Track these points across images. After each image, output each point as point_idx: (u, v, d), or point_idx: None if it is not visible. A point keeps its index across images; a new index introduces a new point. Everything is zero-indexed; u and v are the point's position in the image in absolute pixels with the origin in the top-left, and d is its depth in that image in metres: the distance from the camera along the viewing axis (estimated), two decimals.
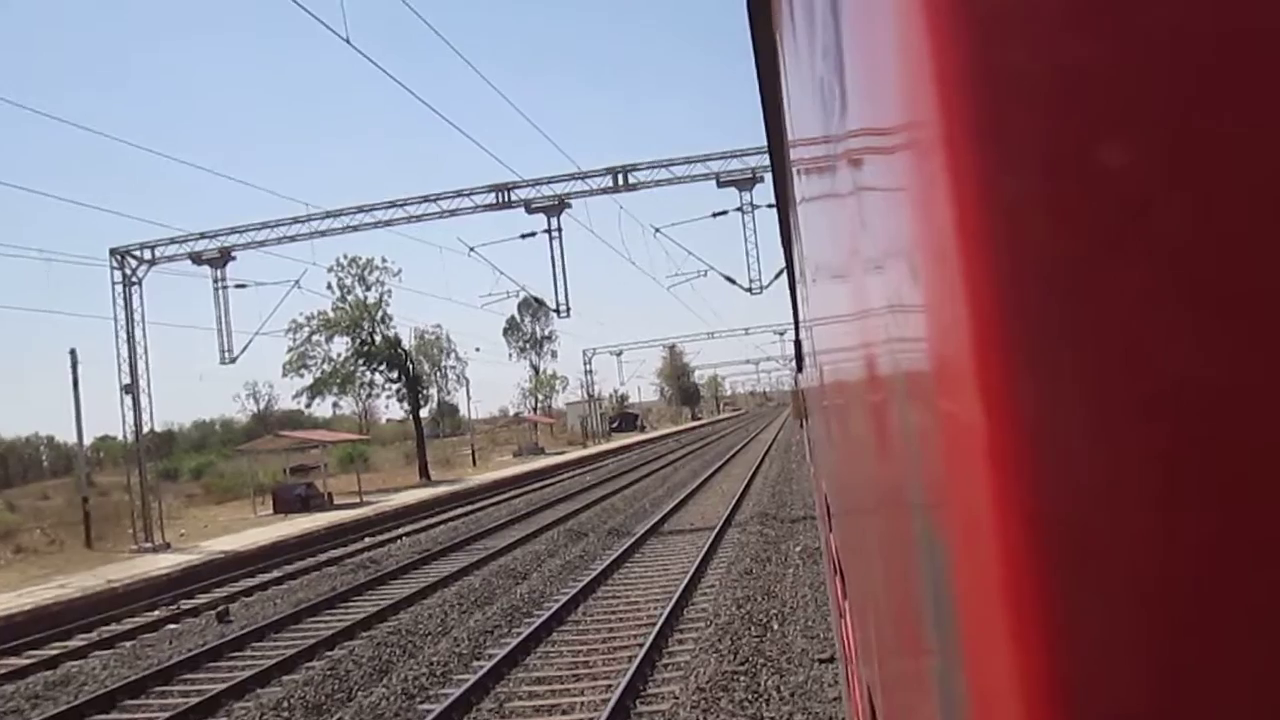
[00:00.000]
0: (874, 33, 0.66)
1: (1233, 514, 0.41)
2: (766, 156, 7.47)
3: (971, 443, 0.46)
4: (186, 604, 18.34)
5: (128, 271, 30.50)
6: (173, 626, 16.43)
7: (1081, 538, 0.43)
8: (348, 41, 19.57)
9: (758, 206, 29.40)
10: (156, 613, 17.71)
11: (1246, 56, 0.42)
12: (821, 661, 10.45)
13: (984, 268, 0.45)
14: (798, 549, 17.52)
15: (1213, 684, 0.42)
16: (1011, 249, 0.45)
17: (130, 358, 30.17)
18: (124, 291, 30.37)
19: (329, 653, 13.24)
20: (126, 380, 30.08)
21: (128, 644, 15.24)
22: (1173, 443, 0.42)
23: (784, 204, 6.68)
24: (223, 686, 11.64)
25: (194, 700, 11.21)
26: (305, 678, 11.85)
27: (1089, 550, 0.43)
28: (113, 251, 30.49)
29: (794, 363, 16.54)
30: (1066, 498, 0.44)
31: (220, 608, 16.91)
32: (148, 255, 31.06)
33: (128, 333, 30.17)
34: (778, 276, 28.72)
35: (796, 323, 10.20)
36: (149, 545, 27.41)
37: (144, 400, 30.32)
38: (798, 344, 11.59)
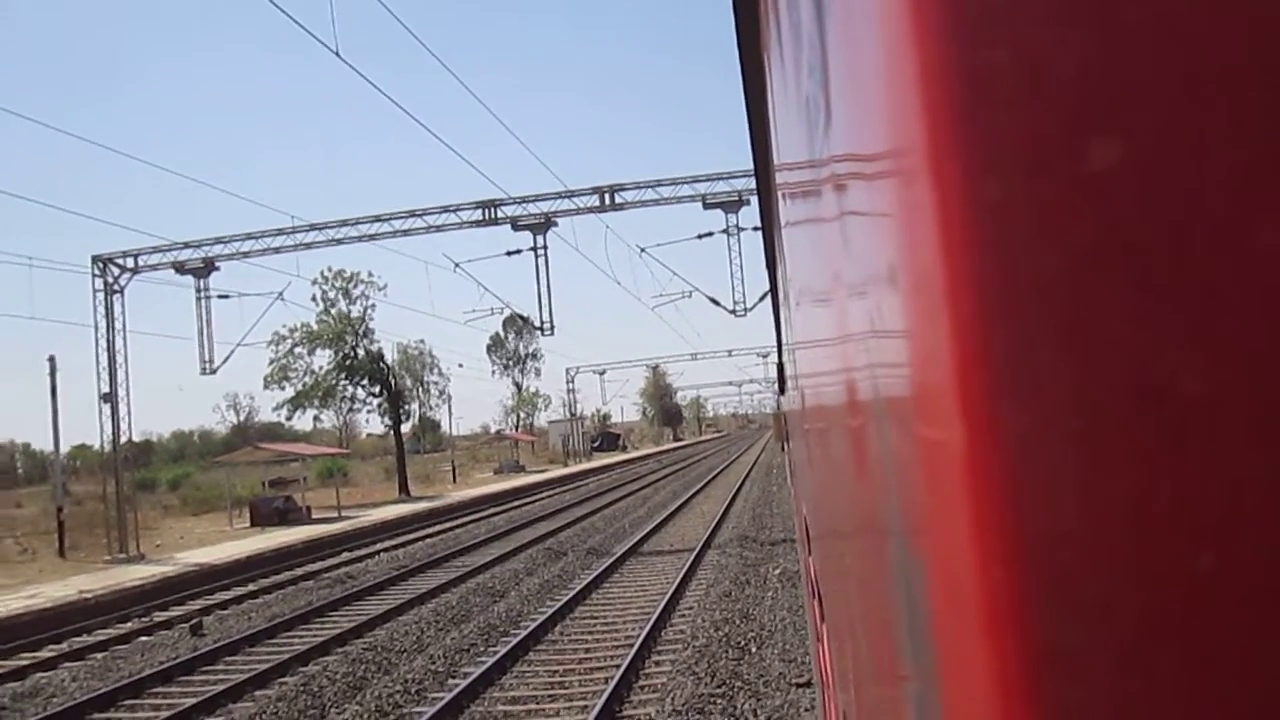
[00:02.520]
0: (858, 48, 0.65)
1: (1221, 546, 0.41)
2: (753, 179, 7.51)
3: (952, 468, 0.46)
4: (159, 616, 18.14)
5: (110, 279, 30.33)
6: (145, 639, 16.25)
7: (1062, 566, 0.43)
8: (338, 55, 19.60)
9: (743, 229, 29.54)
10: (129, 624, 17.52)
11: (1235, 54, 0.41)
12: (799, 686, 10.42)
13: (967, 290, 0.45)
14: (777, 572, 17.50)
15: (1191, 702, 0.41)
16: (997, 265, 0.44)
17: (110, 366, 29.97)
18: (105, 299, 30.19)
19: (303, 668, 13.11)
20: (105, 389, 29.88)
21: (98, 656, 15.06)
22: (1162, 460, 0.42)
23: (769, 226, 6.70)
24: (194, 701, 11.50)
25: (164, 714, 11.09)
26: (278, 693, 11.72)
27: (1069, 580, 0.42)
28: (95, 259, 30.33)
29: (776, 385, 16.57)
30: (1048, 526, 0.43)
31: (194, 620, 16.75)
32: (130, 263, 30.91)
33: (108, 341, 29.98)
34: (762, 299, 28.84)
35: (780, 346, 10.23)
36: (123, 556, 27.15)
37: (123, 409, 30.11)
38: (780, 367, 11.61)
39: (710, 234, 30.58)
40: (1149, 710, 0.42)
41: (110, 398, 29.83)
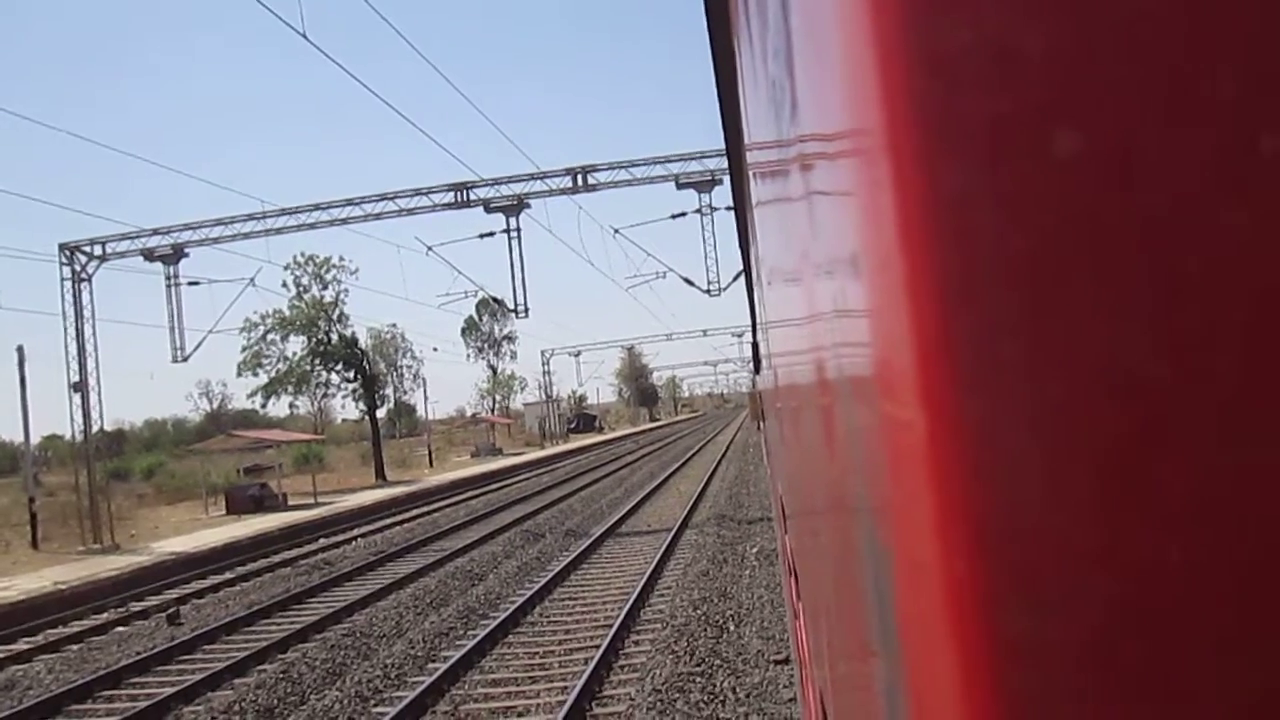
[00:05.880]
0: (820, 28, 0.65)
1: (1188, 538, 0.41)
2: (725, 159, 7.51)
3: (914, 456, 0.45)
4: (136, 606, 18.02)
5: (77, 267, 29.98)
6: (121, 629, 16.16)
7: (1026, 558, 0.42)
8: (304, 37, 19.39)
9: (716, 209, 29.57)
10: (105, 615, 17.40)
11: (1204, 39, 0.41)
12: (777, 663, 10.50)
13: (928, 274, 0.44)
14: (754, 550, 17.58)
15: (1155, 692, 0.41)
16: (957, 248, 0.43)
17: (79, 355, 29.67)
18: (73, 287, 29.85)
19: (282, 655, 13.09)
20: (75, 378, 29.57)
21: (74, 647, 14.96)
22: (1125, 448, 0.41)
23: (741, 207, 6.70)
24: (172, 690, 11.46)
25: (142, 704, 11.03)
26: (257, 680, 11.70)
27: (1034, 571, 0.42)
28: (62, 247, 29.96)
29: (751, 365, 16.61)
30: (1011, 517, 0.42)
31: (171, 610, 16.67)
32: (98, 251, 30.55)
33: (77, 329, 29.67)
34: (736, 279, 28.85)
35: (754, 325, 10.24)
36: (98, 546, 26.95)
37: (93, 399, 29.84)
38: (755, 346, 11.64)
39: (683, 214, 30.61)
40: (1114, 702, 0.41)
41: (81, 387, 29.53)
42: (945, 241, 0.44)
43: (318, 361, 50.34)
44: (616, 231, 33.16)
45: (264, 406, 53.59)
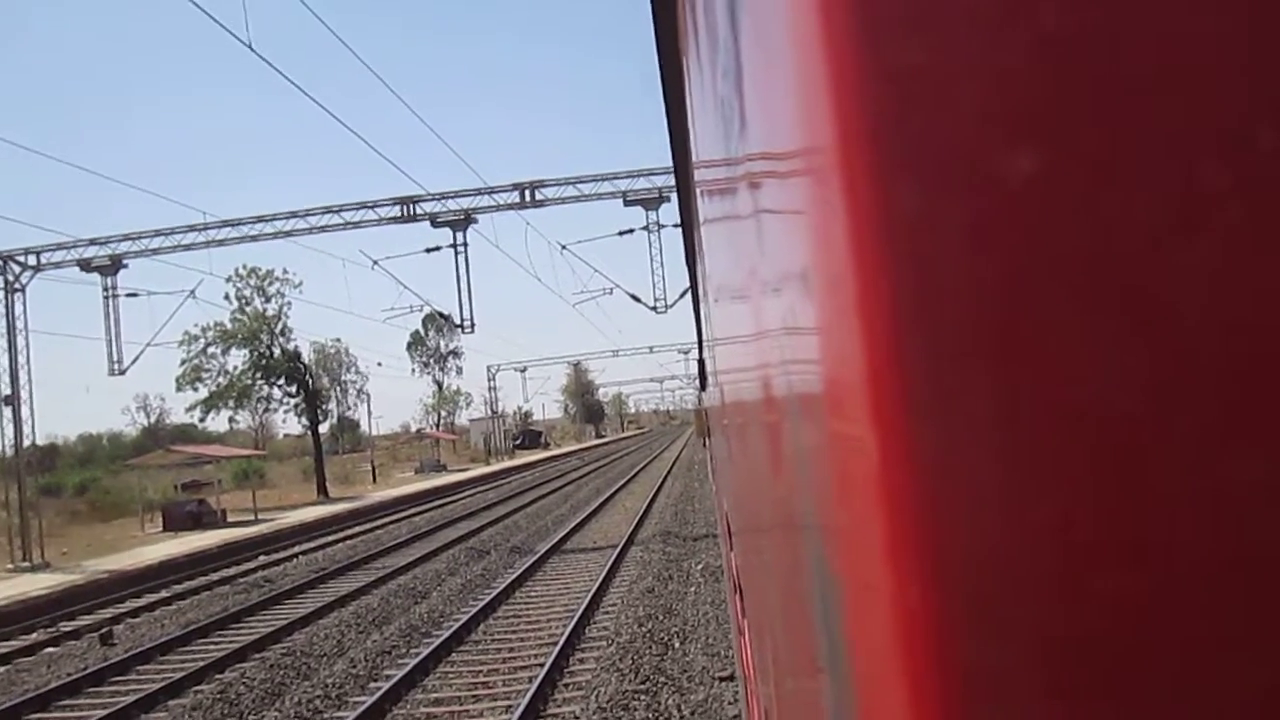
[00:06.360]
0: (770, 43, 0.65)
1: (1150, 567, 0.40)
2: (673, 176, 7.53)
3: (866, 482, 0.45)
4: (67, 626, 17.54)
5: (10, 277, 29.24)
6: (51, 650, 15.72)
7: (983, 587, 0.41)
8: (250, 47, 19.14)
9: (664, 226, 29.60)
10: (34, 635, 16.92)
11: (1169, 57, 0.40)
12: (721, 680, 10.49)
13: (879, 295, 0.43)
14: (699, 567, 17.59)
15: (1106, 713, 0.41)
16: (911, 268, 0.43)
17: (11, 367, 28.91)
18: (5, 298, 29.10)
19: (219, 675, 12.80)
20: (7, 391, 28.82)
21: (1, 669, 14.53)
22: (1084, 475, 0.40)
23: (689, 223, 6.73)
24: (104, 713, 11.16)
25: None
26: (194, 702, 11.44)
27: (991, 601, 0.41)
28: None
29: (698, 381, 16.66)
30: (968, 545, 0.41)
31: (103, 630, 16.25)
32: (33, 261, 29.81)
33: (9, 341, 28.91)
34: (682, 296, 28.93)
35: (700, 342, 10.28)
36: (27, 564, 26.23)
37: (25, 412, 29.07)
38: (701, 363, 11.68)
39: (631, 231, 30.63)
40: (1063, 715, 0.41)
41: (12, 400, 28.78)
42: (899, 261, 0.43)
43: (259, 375, 49.61)
44: (564, 248, 33.10)
45: (203, 421, 52.69)
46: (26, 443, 29.42)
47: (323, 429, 56.08)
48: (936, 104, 0.42)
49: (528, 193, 29.27)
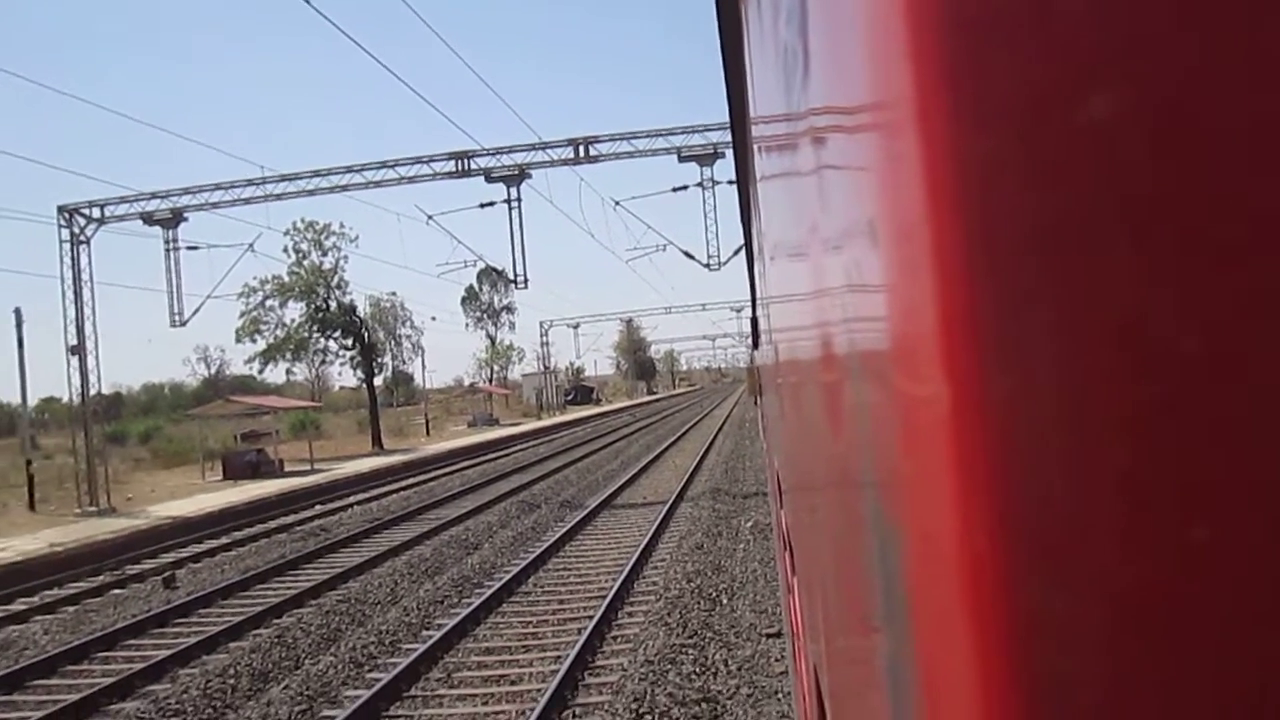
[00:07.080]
0: None
1: (1216, 517, 0.39)
2: (728, 132, 7.46)
3: (934, 431, 0.44)
4: (132, 569, 18.11)
5: (76, 230, 29.86)
6: (117, 591, 16.24)
7: (1050, 535, 0.41)
8: (308, 2, 19.19)
9: (718, 182, 29.47)
10: (101, 578, 17.48)
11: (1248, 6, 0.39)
12: (769, 636, 10.56)
13: (953, 245, 0.43)
14: (749, 524, 17.64)
15: (1178, 674, 0.40)
16: (984, 218, 0.42)
17: (77, 318, 29.62)
18: (72, 250, 29.75)
19: (277, 620, 13.15)
20: (73, 341, 29.54)
21: (70, 609, 15.03)
22: (1154, 425, 0.40)
23: (744, 180, 6.66)
24: (168, 653, 11.53)
25: (138, 666, 11.10)
26: (252, 645, 11.76)
27: (1057, 549, 0.41)
28: (61, 209, 29.83)
29: (750, 340, 16.60)
30: (1035, 494, 0.41)
31: (167, 573, 16.73)
32: (97, 214, 30.43)
33: (75, 292, 29.61)
34: (736, 253, 28.77)
35: (754, 300, 10.22)
36: (94, 509, 27.04)
37: (91, 362, 29.83)
38: (754, 321, 11.62)
39: (685, 187, 30.51)
40: (1139, 683, 0.41)
41: (78, 350, 29.51)
42: (972, 211, 0.42)
43: (316, 328, 50.28)
44: (617, 204, 33.13)
45: (261, 372, 53.65)
46: (93, 392, 30.21)
47: (377, 382, 56.85)
48: (1011, 50, 0.42)
49: (582, 148, 29.20)
